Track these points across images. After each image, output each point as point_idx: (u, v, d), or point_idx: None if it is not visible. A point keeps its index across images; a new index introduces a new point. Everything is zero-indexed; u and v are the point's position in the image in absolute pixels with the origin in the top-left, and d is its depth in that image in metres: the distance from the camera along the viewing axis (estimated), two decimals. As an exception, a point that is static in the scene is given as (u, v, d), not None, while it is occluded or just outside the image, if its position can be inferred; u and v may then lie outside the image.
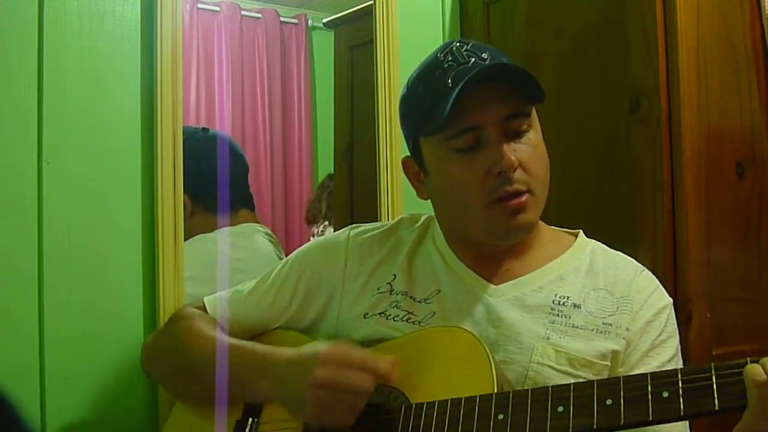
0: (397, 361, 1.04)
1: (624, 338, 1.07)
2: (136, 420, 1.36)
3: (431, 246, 1.20)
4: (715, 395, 0.84)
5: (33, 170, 1.28)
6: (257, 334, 1.25)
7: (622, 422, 0.88)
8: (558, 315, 1.08)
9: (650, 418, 0.87)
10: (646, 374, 0.89)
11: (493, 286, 1.12)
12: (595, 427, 0.89)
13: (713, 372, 0.86)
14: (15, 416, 0.97)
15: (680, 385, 0.86)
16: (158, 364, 1.26)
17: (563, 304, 1.09)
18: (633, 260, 1.17)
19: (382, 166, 1.70)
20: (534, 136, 1.10)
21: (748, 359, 0.85)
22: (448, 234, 1.19)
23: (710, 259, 1.43)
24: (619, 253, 1.18)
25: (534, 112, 1.12)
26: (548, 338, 1.06)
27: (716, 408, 0.84)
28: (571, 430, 0.90)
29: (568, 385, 0.93)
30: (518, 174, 1.06)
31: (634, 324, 1.08)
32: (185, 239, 1.42)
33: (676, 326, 1.12)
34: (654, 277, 1.16)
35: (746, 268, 1.49)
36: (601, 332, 1.07)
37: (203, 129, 1.75)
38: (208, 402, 1.17)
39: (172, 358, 1.23)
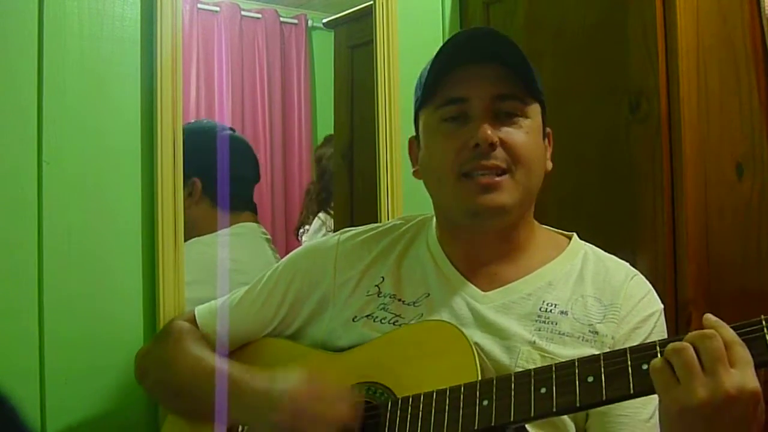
0: (362, 414, 1.04)
1: (609, 347, 1.07)
2: (136, 421, 1.36)
3: (423, 247, 1.20)
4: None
5: (33, 170, 1.28)
6: (248, 342, 1.25)
7: (604, 398, 0.88)
8: (545, 321, 1.08)
9: (632, 392, 0.87)
10: (625, 349, 0.89)
11: (482, 293, 1.12)
12: (578, 404, 0.89)
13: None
14: (15, 416, 0.97)
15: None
16: (147, 377, 1.27)
17: (550, 311, 1.09)
18: (626, 264, 1.16)
19: (382, 166, 1.70)
20: (528, 124, 1.10)
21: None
22: (439, 222, 1.19)
23: (710, 259, 1.43)
24: (612, 257, 1.17)
25: (536, 109, 1.13)
26: (534, 342, 1.06)
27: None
28: (555, 409, 0.90)
29: (550, 366, 0.93)
30: (499, 152, 1.07)
31: (619, 331, 1.08)
32: (187, 225, 1.43)
33: (665, 333, 1.12)
34: (646, 281, 1.15)
35: (746, 269, 1.49)
36: (587, 340, 1.07)
37: (231, 128, 1.82)
38: (192, 418, 1.18)
39: (158, 373, 1.24)
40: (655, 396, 0.87)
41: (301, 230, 2.17)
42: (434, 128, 1.12)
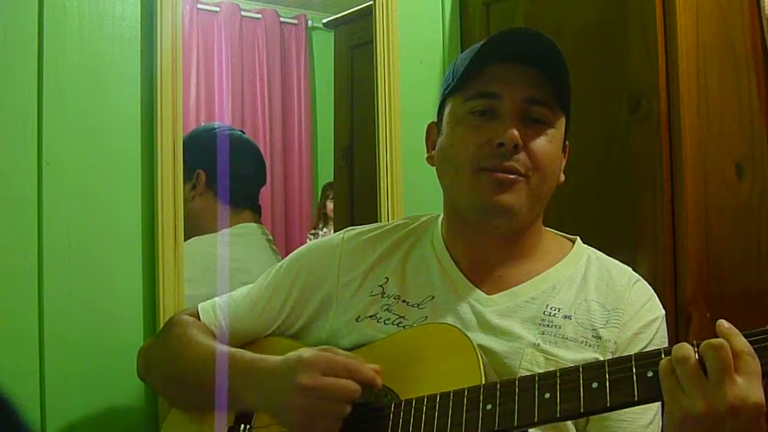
0: (381, 369, 1.03)
1: (612, 352, 1.06)
2: (136, 421, 1.36)
3: (428, 247, 1.19)
4: None
5: (33, 170, 1.28)
6: (250, 341, 1.24)
7: (608, 404, 0.88)
8: (549, 325, 1.08)
9: (636, 399, 0.87)
10: (630, 356, 0.89)
11: (486, 296, 1.12)
12: (582, 411, 0.89)
13: (696, 349, 0.85)
14: (15, 416, 0.97)
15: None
16: (151, 371, 1.26)
17: (554, 315, 1.09)
18: (629, 269, 1.16)
19: (382, 166, 1.70)
20: (552, 133, 1.10)
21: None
22: (446, 221, 1.18)
23: (710, 259, 1.43)
24: (615, 261, 1.17)
25: (562, 121, 1.13)
26: (538, 345, 1.06)
27: None
28: (558, 415, 0.90)
29: (555, 371, 0.93)
30: (521, 155, 1.07)
31: (622, 336, 1.08)
32: (189, 218, 1.44)
33: (665, 339, 1.11)
34: (649, 287, 1.15)
35: (746, 269, 1.49)
36: (590, 345, 1.07)
37: (241, 131, 1.85)
38: (198, 410, 1.17)
39: (163, 366, 1.23)
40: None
41: (315, 231, 2.18)
42: (460, 118, 1.11)
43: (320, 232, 2.21)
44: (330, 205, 2.21)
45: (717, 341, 0.83)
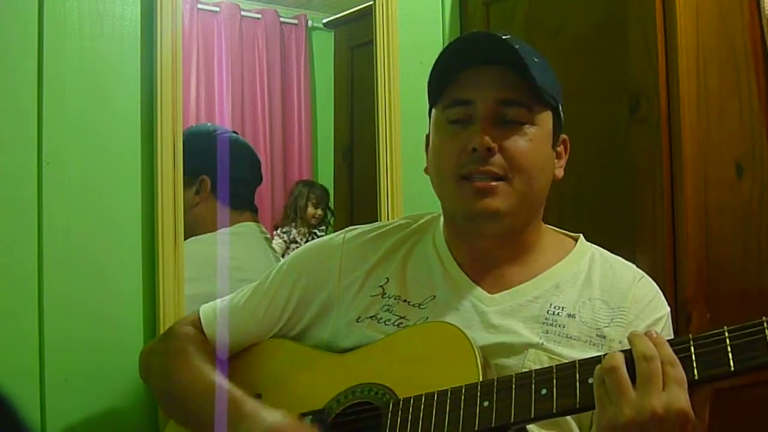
0: None
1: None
2: (136, 421, 1.37)
3: (430, 247, 1.19)
4: (694, 365, 0.86)
5: (33, 170, 1.29)
6: (254, 343, 1.24)
7: None
8: (552, 324, 1.07)
9: None
10: (628, 350, 0.89)
11: (489, 295, 1.11)
12: (578, 406, 0.90)
13: (692, 343, 0.87)
14: (15, 417, 0.97)
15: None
16: (150, 379, 1.26)
17: (557, 314, 1.08)
18: (633, 266, 1.16)
19: (382, 166, 1.70)
20: (533, 132, 1.09)
21: (725, 328, 0.87)
22: (446, 223, 1.18)
23: (710, 259, 1.43)
24: (619, 258, 1.17)
25: (546, 116, 1.11)
26: (542, 344, 1.06)
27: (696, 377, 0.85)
28: (554, 411, 0.90)
29: (551, 367, 0.93)
30: (497, 159, 1.06)
31: (627, 335, 1.07)
32: (191, 223, 1.43)
33: (672, 336, 1.11)
34: (653, 284, 1.14)
35: (746, 269, 1.49)
36: (594, 344, 1.06)
37: (234, 132, 1.85)
38: (189, 428, 1.17)
39: (160, 380, 1.23)
40: None
41: (279, 230, 2.16)
42: (441, 129, 1.12)
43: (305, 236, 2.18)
44: (311, 210, 2.18)
45: (651, 352, 0.86)
